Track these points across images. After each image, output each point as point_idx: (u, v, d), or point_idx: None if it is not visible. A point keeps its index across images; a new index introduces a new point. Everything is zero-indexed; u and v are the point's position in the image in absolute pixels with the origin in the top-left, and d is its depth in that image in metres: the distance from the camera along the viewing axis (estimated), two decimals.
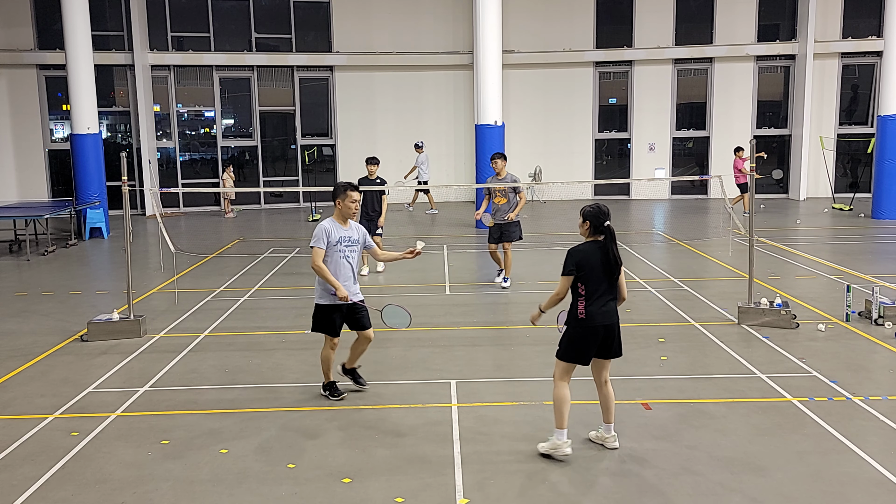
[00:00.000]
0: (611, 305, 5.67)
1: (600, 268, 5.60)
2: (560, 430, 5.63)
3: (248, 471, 5.59)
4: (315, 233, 6.74)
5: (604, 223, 5.63)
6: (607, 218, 5.64)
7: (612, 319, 5.66)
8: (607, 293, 5.64)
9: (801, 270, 12.47)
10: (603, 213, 5.65)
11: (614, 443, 5.84)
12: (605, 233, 5.64)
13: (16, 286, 12.45)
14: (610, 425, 5.86)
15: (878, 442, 5.90)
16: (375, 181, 12.28)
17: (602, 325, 5.62)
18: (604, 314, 5.62)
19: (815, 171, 23.02)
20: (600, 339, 5.64)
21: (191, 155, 23.85)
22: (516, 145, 22.55)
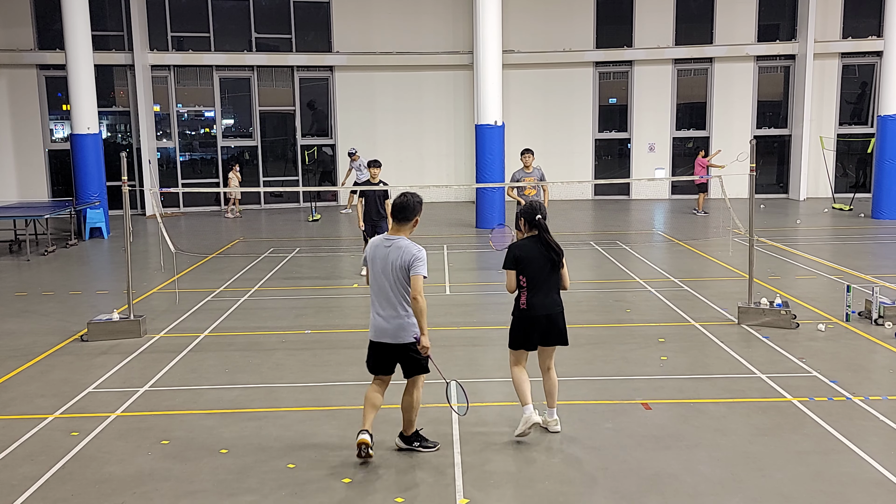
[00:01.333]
0: (553, 297, 6.03)
1: (540, 260, 5.95)
2: (525, 405, 6.02)
3: (248, 471, 5.59)
4: (423, 257, 5.47)
5: (535, 217, 6.01)
6: (537, 212, 6.01)
7: (553, 310, 6.02)
8: (549, 285, 6.00)
9: (801, 270, 12.47)
10: (534, 208, 6.03)
11: (556, 426, 6.13)
12: (537, 227, 6.00)
13: (16, 286, 12.45)
14: (553, 410, 6.18)
15: (878, 442, 5.90)
16: (378, 184, 12.05)
17: (543, 315, 6.00)
18: (545, 304, 5.98)
19: (815, 171, 23.01)
20: (542, 328, 6.00)
21: (191, 155, 23.84)
22: (516, 145, 22.38)
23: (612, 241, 15.80)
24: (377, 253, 5.57)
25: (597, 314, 10.04)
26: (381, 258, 5.52)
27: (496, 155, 17.69)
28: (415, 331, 5.51)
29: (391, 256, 5.47)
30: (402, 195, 5.57)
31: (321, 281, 12.42)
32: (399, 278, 5.46)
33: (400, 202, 5.53)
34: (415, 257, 5.42)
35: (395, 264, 5.45)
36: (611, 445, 5.91)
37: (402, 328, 5.53)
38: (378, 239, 5.64)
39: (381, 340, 5.62)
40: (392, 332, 5.55)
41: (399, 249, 5.46)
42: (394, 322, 5.53)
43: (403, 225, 5.55)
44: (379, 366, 5.73)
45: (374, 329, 5.65)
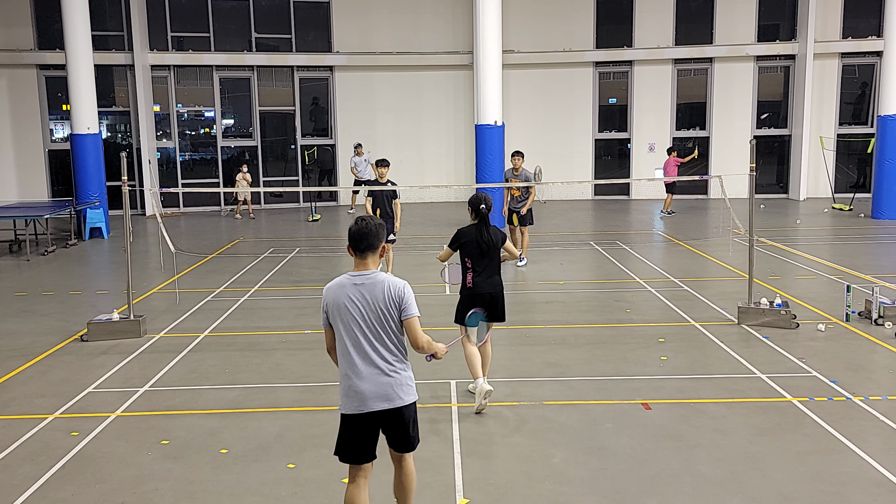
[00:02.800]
0: (495, 279, 6.74)
1: (480, 246, 6.64)
2: (476, 378, 6.57)
3: (248, 471, 5.59)
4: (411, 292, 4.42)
5: (479, 207, 6.64)
6: (481, 203, 6.64)
7: (495, 289, 6.72)
8: (490, 268, 6.70)
9: (801, 270, 12.47)
10: (479, 200, 6.65)
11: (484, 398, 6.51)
12: (479, 216, 6.66)
13: (16, 286, 12.45)
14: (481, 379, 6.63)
15: (878, 442, 5.90)
16: (386, 184, 11.82)
17: (487, 293, 6.67)
18: (488, 284, 6.67)
19: (815, 171, 23.01)
20: (486, 304, 6.58)
21: (191, 155, 23.84)
22: (516, 145, 22.41)
23: (612, 241, 15.80)
24: (344, 296, 4.28)
25: (597, 314, 10.04)
26: (356, 301, 4.26)
27: (496, 155, 17.69)
28: (411, 385, 4.37)
29: (370, 296, 4.25)
30: (359, 221, 4.36)
31: (321, 281, 12.39)
32: (388, 321, 4.27)
33: (358, 230, 4.32)
34: (404, 295, 4.29)
35: (379, 305, 4.25)
36: (611, 445, 5.91)
37: (395, 386, 4.28)
38: (341, 280, 4.36)
39: (366, 410, 4.27)
40: (383, 395, 4.26)
41: (380, 285, 4.27)
42: (383, 380, 4.26)
43: (370, 255, 4.33)
44: (361, 450, 4.36)
45: (354, 397, 4.28)
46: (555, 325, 9.41)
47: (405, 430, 4.38)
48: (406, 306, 4.29)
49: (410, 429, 4.40)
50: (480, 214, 6.66)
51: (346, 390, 4.33)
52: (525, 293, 11.32)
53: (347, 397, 4.32)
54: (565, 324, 9.59)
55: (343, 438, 4.39)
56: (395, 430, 4.38)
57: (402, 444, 4.43)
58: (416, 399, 4.41)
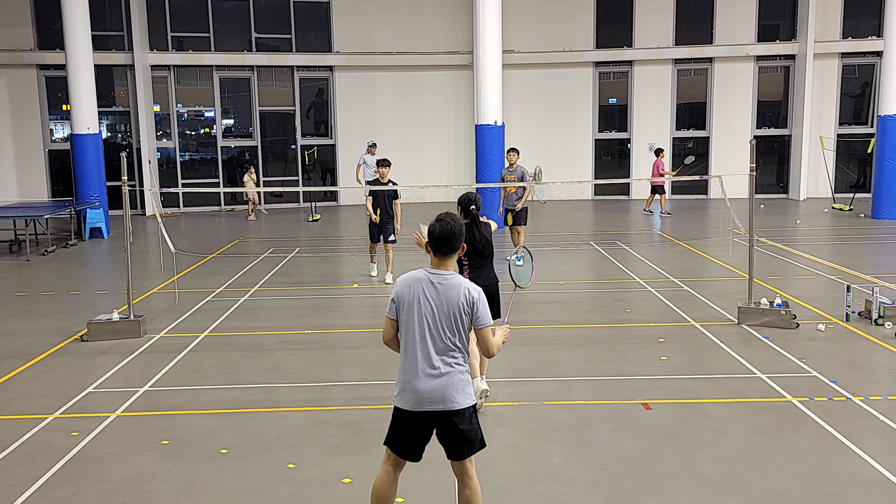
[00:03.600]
0: (490, 273, 6.81)
1: (472, 246, 6.67)
2: (473, 378, 6.41)
3: (248, 471, 5.59)
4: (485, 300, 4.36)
5: (469, 208, 6.74)
6: (471, 203, 6.74)
7: (490, 283, 6.68)
8: (484, 264, 6.81)
9: (801, 270, 12.47)
10: (469, 200, 6.77)
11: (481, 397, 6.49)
12: (470, 216, 6.73)
13: (16, 286, 12.44)
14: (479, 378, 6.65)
15: (878, 442, 5.90)
16: (387, 184, 11.83)
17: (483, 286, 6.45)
18: (483, 279, 6.64)
19: (815, 171, 23.02)
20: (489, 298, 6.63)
21: (191, 155, 23.84)
22: (516, 145, 22.42)
23: (612, 241, 15.80)
24: (420, 290, 4.23)
25: (597, 314, 10.04)
26: (430, 299, 4.20)
27: (496, 155, 17.68)
28: (468, 390, 4.28)
29: (445, 297, 4.19)
30: (443, 221, 4.28)
31: (321, 281, 12.42)
32: (459, 325, 4.21)
33: (443, 231, 4.25)
34: (477, 302, 4.22)
35: (453, 309, 4.19)
36: (611, 445, 5.91)
37: (452, 388, 4.19)
38: (419, 274, 4.28)
39: (421, 409, 4.19)
40: (440, 396, 4.17)
41: (457, 288, 4.21)
42: (441, 381, 4.18)
43: (451, 257, 4.31)
44: (409, 447, 4.30)
45: (410, 395, 4.21)
46: (555, 325, 9.41)
47: (460, 433, 4.22)
48: (480, 315, 4.23)
49: (466, 434, 4.23)
50: (471, 214, 6.73)
51: (403, 385, 4.25)
52: (525, 293, 11.27)
53: (404, 393, 4.24)
54: (565, 324, 9.59)
55: (395, 431, 4.32)
56: (450, 434, 4.24)
57: (457, 449, 4.27)
58: (474, 404, 4.31)
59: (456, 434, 4.23)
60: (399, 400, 4.26)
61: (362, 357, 8.30)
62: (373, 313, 10.37)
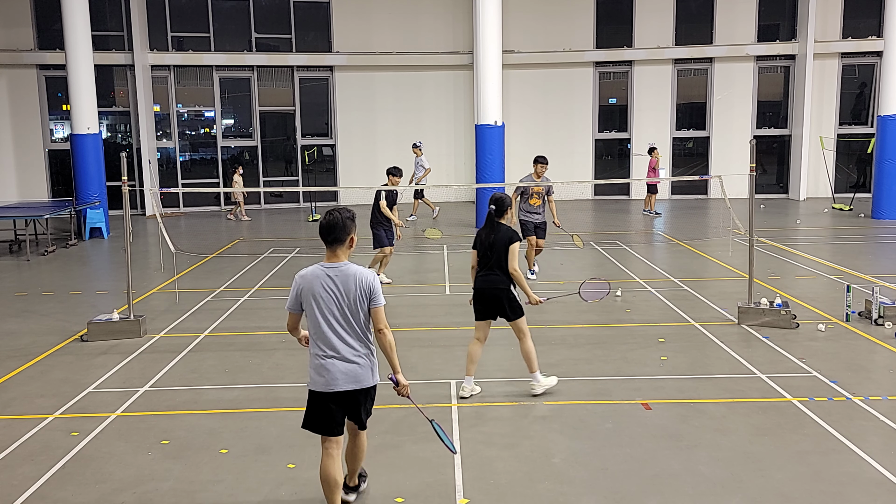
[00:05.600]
0: (493, 276, 6.84)
1: (481, 243, 6.90)
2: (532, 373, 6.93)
3: (248, 471, 5.59)
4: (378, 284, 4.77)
5: (489, 207, 6.89)
6: (491, 203, 6.88)
7: (492, 286, 6.82)
8: (489, 266, 6.85)
9: (801, 270, 12.47)
10: (491, 199, 6.88)
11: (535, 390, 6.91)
12: (488, 215, 6.92)
13: (16, 286, 12.45)
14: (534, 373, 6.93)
15: (878, 442, 5.90)
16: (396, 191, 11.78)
17: (483, 289, 6.90)
18: (485, 281, 6.84)
19: (815, 171, 23.01)
20: (486, 302, 6.91)
21: (191, 155, 23.84)
22: (516, 145, 22.52)
23: (612, 241, 15.80)
24: (317, 285, 4.60)
25: (597, 314, 10.03)
26: (327, 289, 4.59)
27: (496, 155, 17.68)
28: (374, 370, 4.78)
29: (343, 287, 4.59)
30: (329, 214, 4.68)
31: None
32: (359, 310, 4.64)
33: (326, 221, 4.64)
34: (371, 285, 4.65)
35: (350, 295, 4.60)
36: (611, 445, 5.91)
37: (362, 369, 4.70)
38: (315, 269, 4.65)
39: (335, 389, 4.65)
40: (353, 377, 4.66)
41: (352, 277, 4.61)
42: (351, 364, 4.65)
43: (338, 247, 4.65)
44: (330, 423, 4.75)
45: (324, 376, 4.65)
46: (555, 325, 9.41)
47: (363, 408, 4.82)
48: (374, 297, 4.67)
49: (367, 408, 4.86)
50: (488, 213, 6.90)
51: (317, 368, 4.69)
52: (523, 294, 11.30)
53: (319, 375, 4.68)
54: (565, 324, 9.59)
55: (311, 412, 4.79)
56: (355, 408, 4.78)
57: (360, 420, 4.87)
58: (378, 383, 4.82)
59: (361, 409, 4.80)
60: (313, 383, 4.72)
61: None
62: None
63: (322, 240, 4.68)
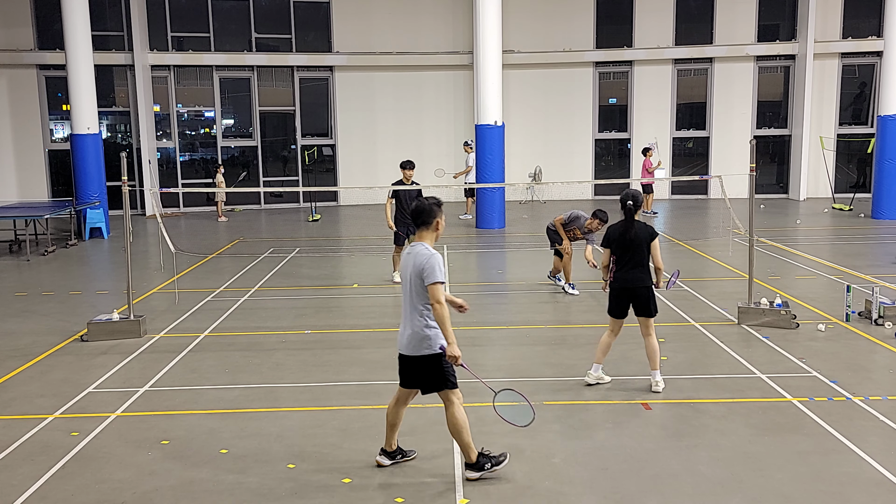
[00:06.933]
0: (635, 273, 6.99)
1: (621, 241, 7.03)
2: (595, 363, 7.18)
3: (248, 471, 5.59)
4: (433, 263, 5.17)
5: (626, 203, 7.08)
6: (628, 199, 7.08)
7: (633, 283, 6.99)
8: (631, 262, 6.97)
9: (801, 270, 12.47)
10: (626, 196, 7.10)
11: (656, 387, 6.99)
12: (626, 211, 7.07)
13: (16, 286, 12.44)
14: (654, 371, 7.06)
15: (878, 442, 5.90)
16: (411, 185, 11.75)
17: (624, 287, 7.03)
18: (626, 279, 6.97)
19: (815, 171, 23.01)
20: (626, 299, 7.05)
21: (191, 155, 23.84)
22: (516, 145, 22.54)
23: None
24: (404, 262, 5.42)
25: (597, 314, 10.02)
26: (405, 267, 5.36)
27: (496, 155, 17.68)
28: (432, 343, 5.24)
29: (409, 264, 5.30)
30: (418, 199, 5.51)
31: (321, 281, 12.42)
32: (415, 286, 5.25)
33: (415, 207, 5.44)
34: (425, 264, 5.17)
35: (411, 272, 5.26)
36: (611, 445, 5.92)
37: (418, 339, 5.26)
38: (406, 248, 5.49)
39: (400, 352, 5.41)
40: (406, 344, 5.33)
41: (414, 256, 5.27)
42: (409, 332, 5.30)
43: (423, 230, 5.38)
44: (403, 378, 5.49)
45: (398, 339, 5.46)
46: (555, 325, 9.41)
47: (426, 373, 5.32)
48: (426, 274, 5.16)
49: (425, 376, 5.34)
50: (626, 209, 7.00)
51: (399, 334, 5.45)
52: (525, 293, 11.31)
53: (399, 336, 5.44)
54: (565, 324, 9.58)
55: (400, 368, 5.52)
56: (412, 373, 5.39)
57: (428, 386, 5.38)
58: (433, 353, 5.24)
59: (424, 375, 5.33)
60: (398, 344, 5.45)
61: (362, 357, 8.31)
62: (373, 313, 10.36)
63: (413, 223, 5.48)
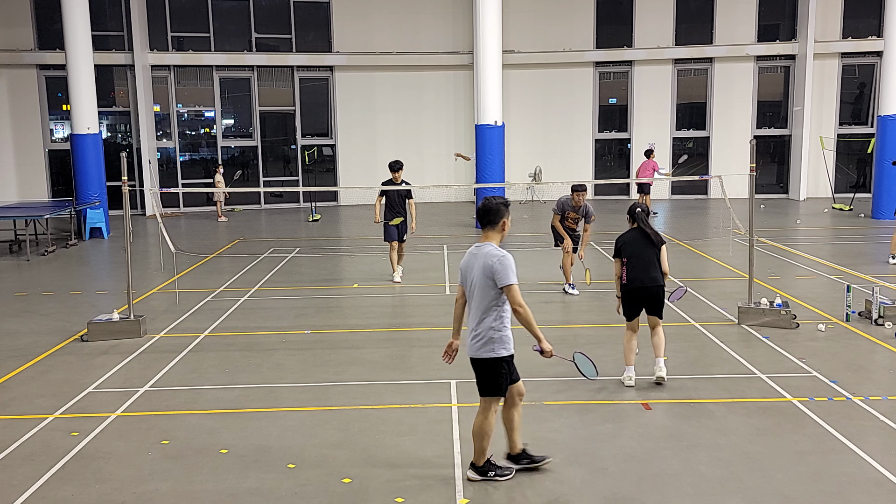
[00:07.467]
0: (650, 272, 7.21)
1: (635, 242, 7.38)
2: (627, 366, 7.27)
3: (248, 471, 5.59)
4: (506, 265, 5.11)
5: (635, 211, 7.44)
6: (637, 207, 7.47)
7: (652, 283, 7.19)
8: (645, 261, 7.23)
9: (801, 270, 12.47)
10: (634, 206, 7.49)
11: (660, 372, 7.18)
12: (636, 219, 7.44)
13: (16, 286, 12.44)
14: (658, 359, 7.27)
15: (878, 442, 5.90)
16: (400, 184, 11.78)
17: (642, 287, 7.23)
18: (643, 280, 7.17)
19: (815, 171, 23.01)
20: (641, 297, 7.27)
21: (191, 155, 23.85)
22: (516, 145, 22.54)
23: (612, 241, 15.75)
24: (467, 263, 5.29)
25: (597, 314, 10.03)
26: (470, 267, 5.24)
27: (496, 155, 17.68)
28: (496, 347, 5.18)
29: (474, 264, 5.20)
30: (485, 199, 5.30)
31: (321, 281, 12.42)
32: (482, 286, 5.15)
33: (482, 206, 5.30)
34: (496, 265, 5.08)
35: (478, 273, 5.16)
36: (611, 445, 5.91)
37: (481, 341, 5.19)
38: (469, 251, 5.34)
39: (469, 354, 5.29)
40: (470, 344, 5.25)
41: (483, 257, 5.15)
42: (473, 333, 5.23)
43: (490, 230, 5.27)
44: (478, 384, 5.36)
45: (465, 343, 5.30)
46: (555, 325, 9.41)
47: (482, 376, 5.29)
48: (499, 276, 5.10)
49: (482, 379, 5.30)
50: (636, 215, 7.33)
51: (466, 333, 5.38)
52: (525, 293, 11.27)
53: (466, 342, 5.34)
54: (565, 324, 9.59)
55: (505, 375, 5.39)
56: (478, 377, 5.33)
57: (481, 389, 5.34)
58: (497, 357, 5.19)
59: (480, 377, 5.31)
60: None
61: (362, 357, 8.31)
62: (373, 313, 10.37)
63: (479, 222, 5.37)
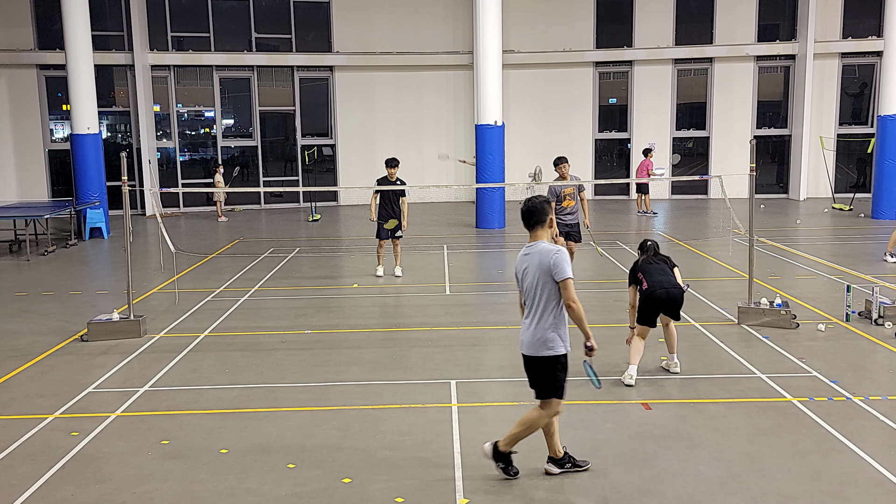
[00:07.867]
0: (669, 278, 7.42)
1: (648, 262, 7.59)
2: (631, 364, 7.30)
3: (248, 471, 5.59)
4: (561, 259, 5.19)
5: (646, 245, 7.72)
6: (648, 241, 7.78)
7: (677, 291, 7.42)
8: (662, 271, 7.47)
9: (801, 270, 12.47)
10: (645, 241, 7.79)
11: (675, 368, 7.54)
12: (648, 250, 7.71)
13: (16, 286, 12.45)
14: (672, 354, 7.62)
15: (878, 442, 5.90)
16: (395, 183, 11.90)
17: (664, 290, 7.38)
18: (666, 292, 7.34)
19: (815, 171, 23.01)
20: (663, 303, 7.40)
21: (191, 155, 23.85)
22: (516, 145, 22.53)
23: (612, 241, 15.79)
24: (521, 264, 5.35)
25: (597, 314, 10.02)
26: (526, 267, 5.28)
27: (496, 155, 17.68)
28: (554, 346, 5.20)
29: (532, 263, 5.24)
30: (527, 200, 5.34)
31: (321, 281, 12.42)
32: (544, 285, 5.19)
33: (526, 208, 5.33)
34: (553, 260, 5.14)
35: (538, 271, 5.19)
36: (611, 445, 5.92)
37: (541, 340, 5.22)
38: (522, 251, 5.40)
39: (522, 352, 5.35)
40: (528, 343, 5.27)
41: (539, 255, 5.21)
42: (529, 331, 5.26)
43: (538, 229, 5.32)
44: (529, 381, 5.40)
45: (520, 339, 5.37)
46: None
47: (539, 375, 5.30)
48: (556, 270, 5.14)
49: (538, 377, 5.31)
50: (648, 247, 7.63)
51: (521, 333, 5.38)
52: None
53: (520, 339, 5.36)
54: None
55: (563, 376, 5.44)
56: (530, 374, 5.36)
57: (538, 391, 5.36)
58: (553, 355, 5.21)
59: (537, 376, 5.33)
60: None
61: (362, 357, 8.31)
62: (373, 313, 10.37)
63: (524, 224, 5.37)
